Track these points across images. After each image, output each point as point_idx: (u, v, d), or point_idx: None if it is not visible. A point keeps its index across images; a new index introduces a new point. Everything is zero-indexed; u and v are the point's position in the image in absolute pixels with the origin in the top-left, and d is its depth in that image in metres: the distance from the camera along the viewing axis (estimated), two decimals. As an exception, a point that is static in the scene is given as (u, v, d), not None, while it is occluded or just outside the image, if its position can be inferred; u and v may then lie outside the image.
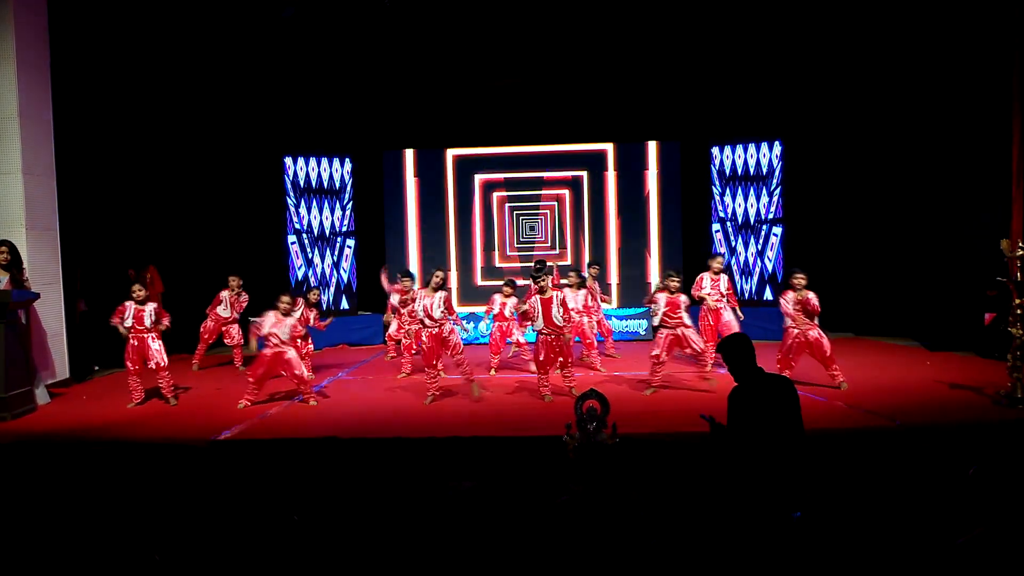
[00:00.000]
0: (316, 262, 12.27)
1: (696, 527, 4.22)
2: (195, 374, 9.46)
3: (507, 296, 9.16)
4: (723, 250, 12.32)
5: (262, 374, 7.52)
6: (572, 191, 12.26)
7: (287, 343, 7.52)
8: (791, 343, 7.65)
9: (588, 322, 9.26)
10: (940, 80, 9.94)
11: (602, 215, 12.22)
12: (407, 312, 9.09)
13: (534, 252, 12.17)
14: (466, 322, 11.42)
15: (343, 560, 3.99)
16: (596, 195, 12.26)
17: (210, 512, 4.63)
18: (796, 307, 7.58)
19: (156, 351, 7.69)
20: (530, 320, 7.77)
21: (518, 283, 9.92)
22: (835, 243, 11.38)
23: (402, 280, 9.24)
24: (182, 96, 11.13)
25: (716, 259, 9.16)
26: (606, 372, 9.10)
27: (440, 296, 7.63)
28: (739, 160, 12.17)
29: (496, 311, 9.26)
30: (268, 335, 7.49)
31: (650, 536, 4.11)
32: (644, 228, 12.15)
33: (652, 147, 12.23)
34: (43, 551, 4.15)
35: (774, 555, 3.80)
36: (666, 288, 7.81)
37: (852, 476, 5.06)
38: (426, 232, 12.28)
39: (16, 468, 5.86)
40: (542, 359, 7.66)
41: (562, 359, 7.69)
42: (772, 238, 11.84)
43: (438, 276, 7.75)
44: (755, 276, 12.04)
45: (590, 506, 4.49)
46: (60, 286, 8.59)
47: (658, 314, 7.77)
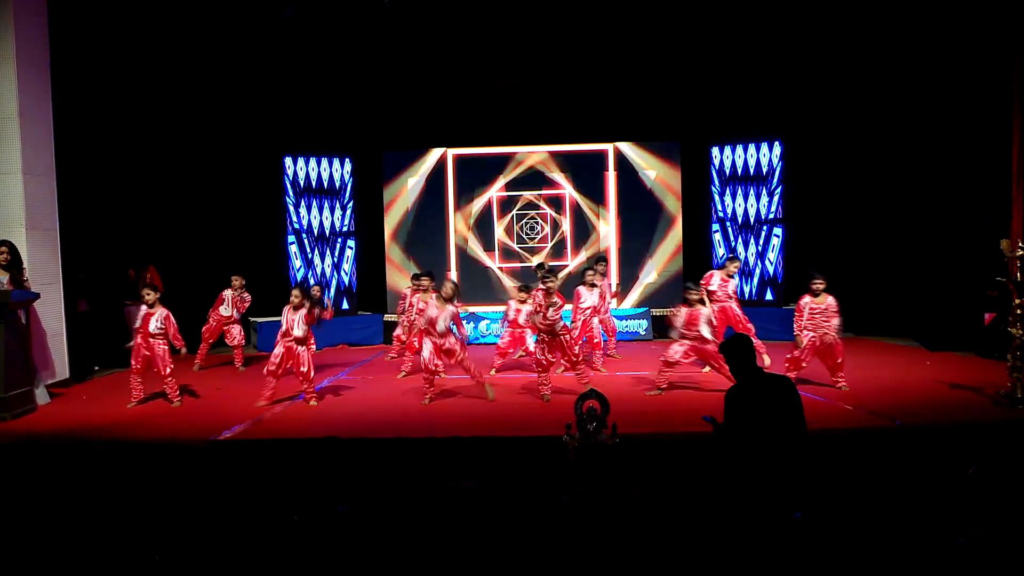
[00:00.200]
0: (316, 262, 12.27)
1: (696, 527, 4.22)
2: (195, 374, 9.45)
3: (521, 302, 8.91)
4: (722, 251, 12.33)
5: (277, 370, 7.53)
6: (572, 191, 12.26)
7: (299, 338, 7.51)
8: (807, 345, 7.62)
9: (596, 321, 9.27)
10: (940, 80, 9.94)
11: (602, 215, 12.23)
12: (414, 313, 9.08)
13: (534, 252, 12.19)
14: (465, 322, 11.40)
15: (343, 560, 3.99)
16: (596, 195, 12.26)
17: (210, 512, 4.63)
18: (814, 313, 7.59)
19: (160, 356, 7.67)
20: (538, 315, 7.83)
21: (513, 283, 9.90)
22: (835, 243, 11.37)
23: (420, 280, 9.18)
24: (182, 96, 11.13)
25: (734, 262, 9.12)
26: (607, 372, 9.09)
27: (449, 312, 7.59)
28: (739, 160, 12.16)
29: (511, 317, 9.10)
30: (284, 331, 7.53)
31: (650, 536, 4.11)
32: (644, 228, 12.16)
33: (652, 147, 12.24)
34: (43, 551, 4.15)
35: (774, 555, 3.80)
36: (686, 301, 7.79)
37: (852, 476, 5.06)
38: (426, 232, 12.28)
39: (16, 468, 5.85)
40: (540, 359, 7.69)
41: (566, 360, 7.65)
42: (773, 239, 11.84)
43: (448, 289, 7.68)
44: (755, 277, 12.04)
45: (590, 506, 4.49)
46: (60, 286, 8.59)
47: (677, 328, 7.79)
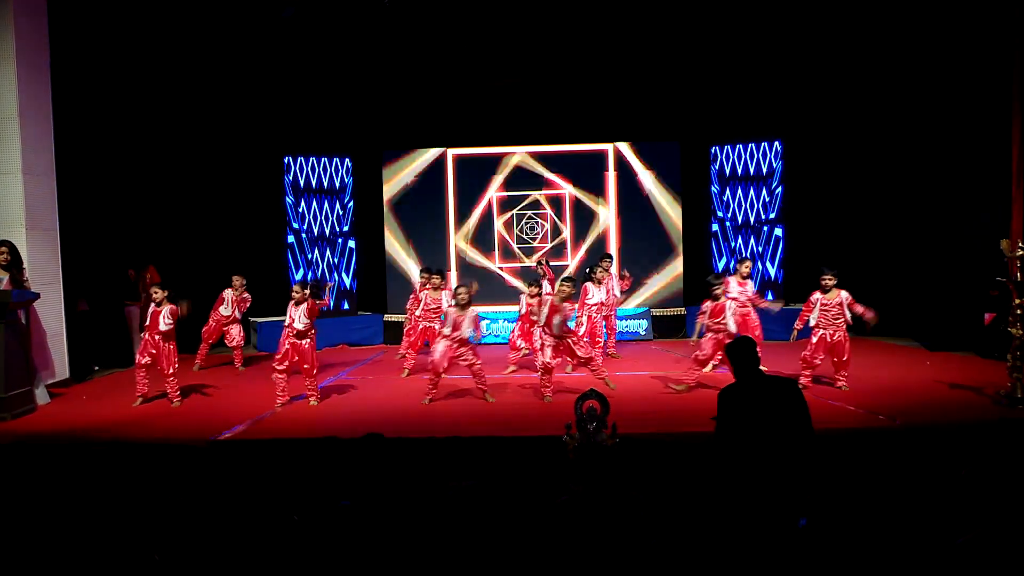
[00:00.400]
0: (316, 262, 12.27)
1: (696, 527, 4.22)
2: (196, 374, 9.45)
3: (532, 296, 8.93)
4: (720, 255, 12.36)
5: (288, 367, 7.51)
6: (572, 191, 12.26)
7: (300, 331, 7.50)
8: (817, 342, 7.62)
9: (600, 320, 9.26)
10: (940, 80, 9.94)
11: (602, 215, 12.23)
12: (420, 309, 9.05)
13: (534, 252, 12.18)
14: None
15: (343, 560, 3.99)
16: (596, 194, 12.26)
17: (210, 512, 4.63)
18: (825, 309, 7.59)
19: (166, 355, 7.65)
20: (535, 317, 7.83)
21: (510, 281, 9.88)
22: (835, 243, 11.38)
23: (432, 278, 9.09)
24: (182, 96, 11.13)
25: (744, 263, 9.10)
26: (607, 372, 9.08)
27: (470, 317, 7.58)
28: (739, 160, 12.17)
29: (523, 311, 9.11)
30: (286, 326, 7.52)
31: (650, 536, 4.11)
32: (644, 228, 12.16)
33: (652, 147, 12.25)
34: (43, 551, 4.15)
35: (771, 555, 3.80)
36: (712, 295, 7.79)
37: (852, 476, 5.06)
38: (426, 232, 12.28)
39: (16, 468, 5.85)
40: (545, 362, 7.66)
41: (579, 357, 7.68)
42: (775, 239, 11.84)
43: (465, 292, 7.64)
44: (756, 276, 12.04)
45: (590, 506, 4.49)
46: (60, 286, 8.58)
47: (703, 322, 7.80)
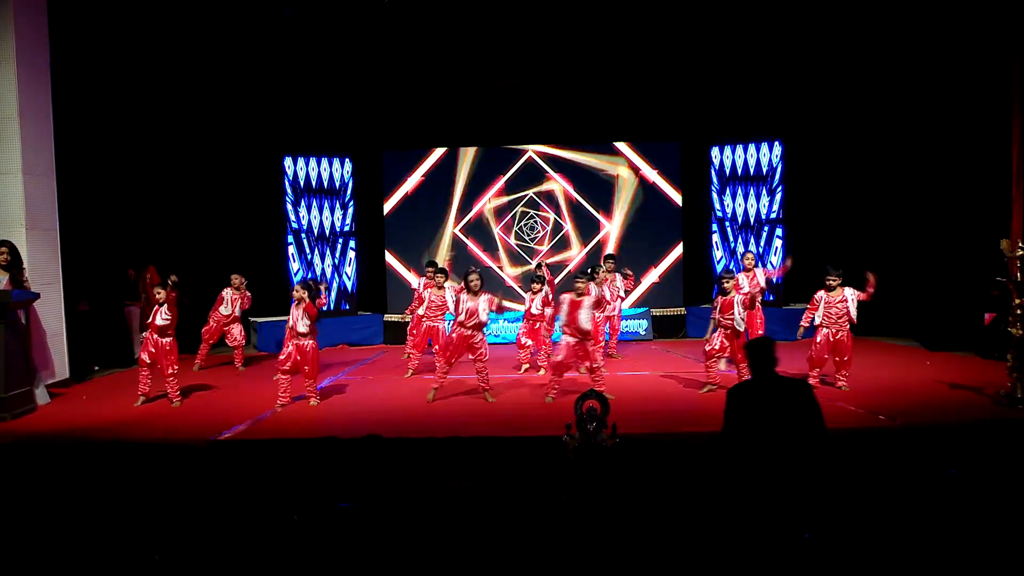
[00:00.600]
0: (316, 262, 12.27)
1: (696, 527, 4.22)
2: (196, 374, 9.44)
3: (536, 292, 8.99)
4: (720, 253, 12.37)
5: (289, 367, 7.52)
6: (572, 191, 12.26)
7: (302, 333, 7.49)
8: (822, 341, 7.62)
9: (602, 320, 9.27)
10: (940, 80, 9.94)
11: (602, 215, 12.24)
12: (424, 308, 8.98)
13: (534, 252, 12.19)
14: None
15: (343, 560, 3.99)
16: (596, 195, 12.27)
17: (210, 512, 4.63)
18: (829, 307, 7.60)
19: (165, 354, 7.64)
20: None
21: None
22: (836, 243, 11.37)
23: (436, 276, 8.98)
24: (182, 96, 11.13)
25: (747, 256, 9.18)
26: (607, 373, 9.08)
27: (485, 299, 7.58)
28: (739, 160, 12.17)
29: (527, 307, 9.13)
30: (289, 328, 7.51)
31: (650, 536, 4.11)
32: (644, 228, 12.16)
33: (652, 147, 12.25)
34: (43, 551, 4.15)
35: (777, 553, 3.80)
36: (721, 290, 7.79)
37: (852, 476, 5.06)
38: (426, 233, 12.28)
39: (16, 468, 5.86)
40: (560, 361, 7.62)
41: (589, 364, 7.64)
42: (776, 240, 11.84)
43: (475, 280, 7.63)
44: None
45: (590, 506, 4.49)
46: (60, 286, 8.58)
47: (715, 317, 7.82)
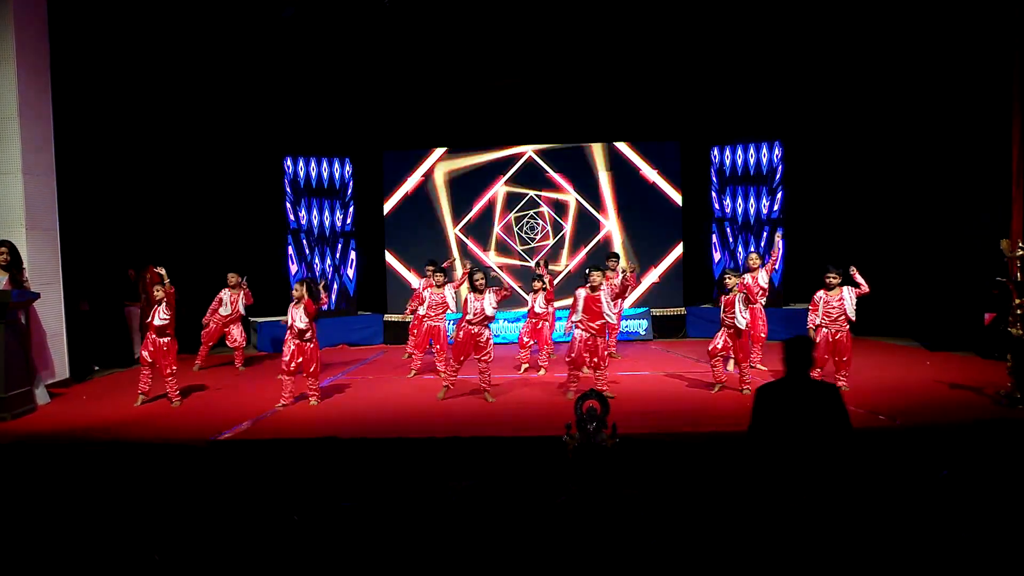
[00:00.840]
0: (316, 263, 12.27)
1: (695, 527, 4.22)
2: (196, 374, 9.43)
3: (537, 292, 9.02)
4: (718, 255, 12.36)
5: (291, 368, 7.51)
6: (572, 191, 12.27)
7: (301, 331, 7.48)
8: (820, 341, 7.62)
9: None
10: (940, 80, 9.94)
11: (602, 215, 12.24)
12: (426, 307, 8.92)
13: (535, 252, 12.19)
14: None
15: (343, 560, 3.99)
16: (596, 195, 12.27)
17: (210, 512, 4.63)
18: (829, 307, 7.60)
19: (163, 354, 7.64)
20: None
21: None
22: (836, 243, 11.38)
23: (435, 275, 8.93)
24: (182, 96, 11.13)
25: (751, 257, 9.17)
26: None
27: (491, 293, 7.58)
28: (739, 161, 12.17)
29: (529, 306, 9.14)
30: (289, 327, 7.51)
31: (650, 536, 4.11)
32: (644, 228, 12.16)
33: (652, 147, 12.25)
34: (43, 551, 4.15)
35: (775, 553, 3.80)
36: (724, 288, 7.79)
37: (852, 475, 5.06)
38: (426, 232, 12.28)
39: (16, 468, 5.86)
40: (574, 357, 7.61)
41: (596, 359, 7.64)
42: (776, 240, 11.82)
43: (479, 278, 7.64)
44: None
45: (589, 506, 4.49)
46: (60, 286, 8.58)
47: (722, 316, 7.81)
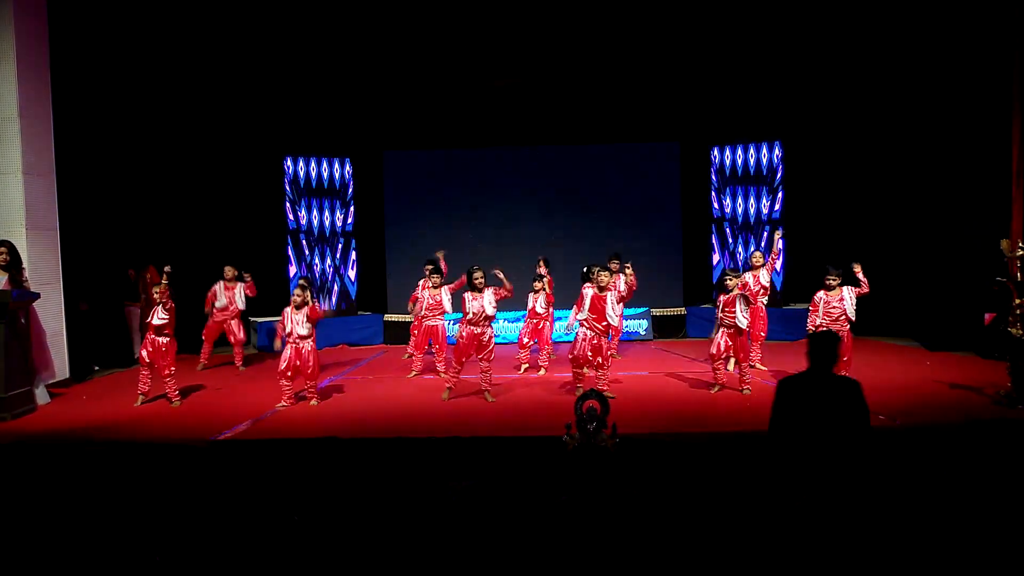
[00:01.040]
0: (316, 263, 12.27)
1: (696, 527, 4.22)
2: (196, 374, 9.43)
3: (538, 291, 9.01)
4: (717, 257, 12.37)
5: (288, 371, 7.50)
6: (572, 190, 12.26)
7: (304, 335, 7.49)
8: None
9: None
10: (940, 81, 9.95)
11: (602, 214, 12.24)
12: (424, 308, 8.91)
13: (534, 251, 12.16)
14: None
15: (343, 560, 3.99)
16: (596, 194, 12.27)
17: (210, 512, 4.63)
18: (829, 307, 7.60)
19: (162, 355, 7.63)
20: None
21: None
22: (836, 243, 11.38)
23: (431, 275, 8.81)
24: (182, 96, 11.13)
25: (755, 255, 9.20)
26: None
27: (490, 292, 7.58)
28: (739, 161, 12.18)
29: (529, 306, 9.14)
30: (288, 332, 7.48)
31: (650, 536, 4.11)
32: (644, 228, 12.16)
33: (652, 147, 12.25)
34: (43, 551, 4.15)
35: (783, 550, 3.81)
36: (724, 288, 7.81)
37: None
38: (426, 232, 12.27)
39: (16, 468, 5.86)
40: (576, 355, 7.60)
41: (599, 359, 7.63)
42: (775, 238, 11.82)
43: (479, 277, 7.64)
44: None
45: (589, 506, 4.49)
46: (60, 286, 8.58)
47: (719, 316, 7.84)
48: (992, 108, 8.87)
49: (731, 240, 12.29)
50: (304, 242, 12.21)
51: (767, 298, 8.99)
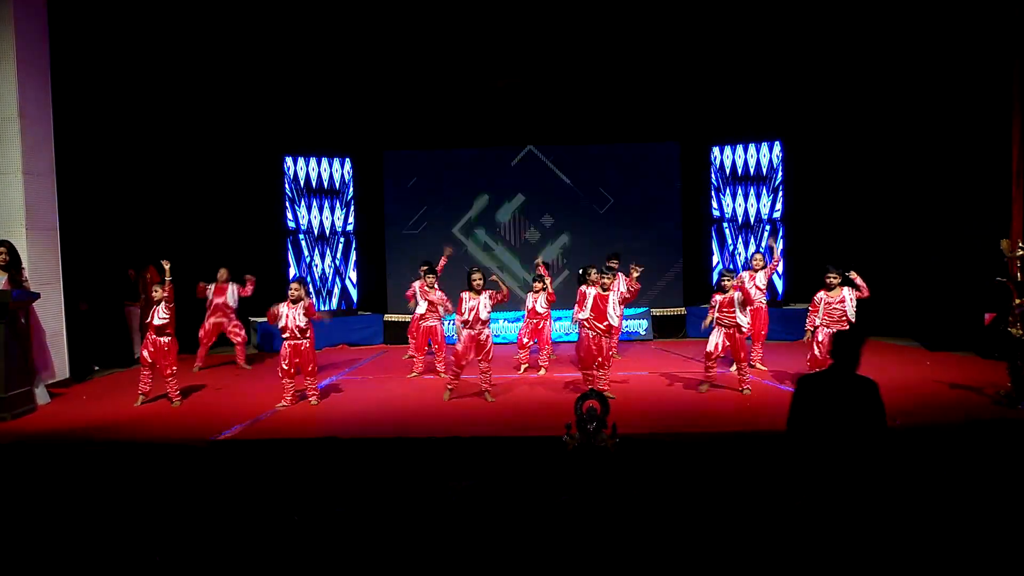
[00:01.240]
0: (316, 262, 12.26)
1: (696, 527, 4.22)
2: (196, 374, 9.44)
3: (537, 291, 9.02)
4: (716, 257, 12.36)
5: (290, 369, 7.50)
6: (573, 190, 12.26)
7: (302, 329, 7.48)
8: (823, 341, 7.57)
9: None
10: (940, 81, 9.95)
11: (603, 214, 12.24)
12: (426, 308, 8.90)
13: (534, 251, 12.17)
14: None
15: (343, 560, 3.99)
16: (597, 194, 12.27)
17: (210, 512, 4.63)
18: (830, 307, 7.61)
19: (163, 354, 7.64)
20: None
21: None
22: (836, 243, 11.38)
23: (427, 276, 8.67)
24: (182, 96, 11.13)
25: (755, 257, 9.22)
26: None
27: (487, 296, 7.58)
28: (739, 160, 12.17)
29: (529, 306, 9.14)
30: (283, 327, 7.47)
31: (650, 535, 4.11)
32: (644, 228, 12.15)
33: (652, 147, 12.25)
34: (43, 551, 4.15)
35: (777, 551, 3.80)
36: (720, 288, 7.83)
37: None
38: (426, 232, 12.28)
39: (16, 468, 5.86)
40: (583, 356, 7.61)
41: (601, 359, 7.64)
42: (777, 240, 11.83)
43: (477, 279, 7.64)
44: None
45: (589, 506, 4.49)
46: (60, 286, 8.58)
47: (712, 316, 7.87)
48: (992, 108, 8.88)
49: (731, 240, 12.28)
50: (304, 242, 12.20)
51: (765, 299, 9.00)
